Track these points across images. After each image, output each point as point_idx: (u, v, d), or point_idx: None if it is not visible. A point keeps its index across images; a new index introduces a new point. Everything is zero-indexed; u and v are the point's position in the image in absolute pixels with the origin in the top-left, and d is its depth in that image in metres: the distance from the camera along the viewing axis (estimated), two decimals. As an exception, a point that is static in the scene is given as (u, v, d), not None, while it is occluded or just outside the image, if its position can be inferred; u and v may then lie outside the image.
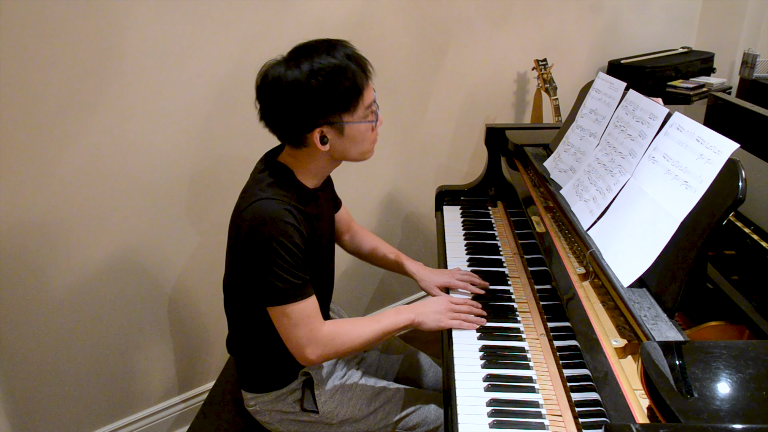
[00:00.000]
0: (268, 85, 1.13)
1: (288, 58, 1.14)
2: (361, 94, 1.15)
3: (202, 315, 1.93)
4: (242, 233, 1.14)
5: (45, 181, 1.52)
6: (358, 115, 1.16)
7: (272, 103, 1.14)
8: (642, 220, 1.10)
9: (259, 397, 1.32)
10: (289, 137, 1.18)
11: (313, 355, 1.17)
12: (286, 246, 1.11)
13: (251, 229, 1.12)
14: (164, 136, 1.67)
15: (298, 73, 1.10)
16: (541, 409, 1.09)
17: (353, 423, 1.32)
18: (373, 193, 2.27)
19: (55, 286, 1.62)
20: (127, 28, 1.52)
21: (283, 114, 1.14)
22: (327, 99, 1.11)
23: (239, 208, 1.18)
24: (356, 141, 1.19)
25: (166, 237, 1.77)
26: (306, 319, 1.16)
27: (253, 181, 1.22)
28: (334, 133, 1.16)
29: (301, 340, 1.16)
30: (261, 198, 1.13)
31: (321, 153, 1.18)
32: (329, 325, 1.20)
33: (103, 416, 1.83)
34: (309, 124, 1.13)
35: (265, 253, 1.10)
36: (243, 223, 1.14)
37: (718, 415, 0.73)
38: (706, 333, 1.01)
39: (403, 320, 1.27)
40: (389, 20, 2.06)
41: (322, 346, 1.17)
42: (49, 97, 1.46)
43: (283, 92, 1.11)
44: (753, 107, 1.57)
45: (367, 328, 1.23)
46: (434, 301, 1.34)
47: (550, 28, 2.63)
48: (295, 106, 1.11)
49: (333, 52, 1.12)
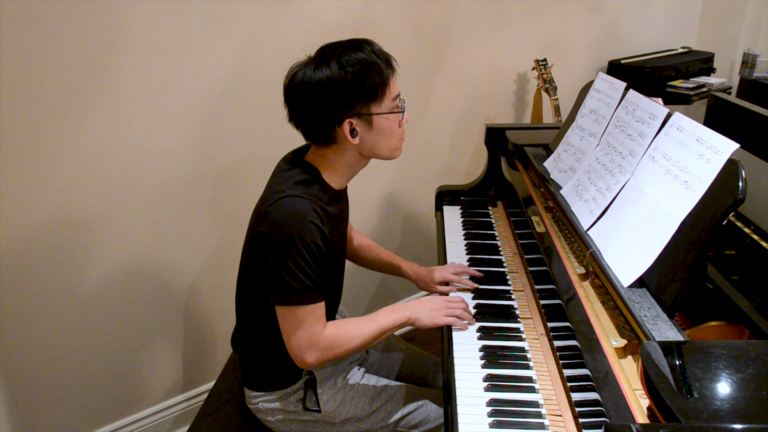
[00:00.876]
0: (298, 84, 1.15)
1: (315, 58, 1.16)
2: (388, 85, 1.18)
3: (204, 314, 1.93)
4: (266, 227, 1.14)
5: (46, 181, 1.52)
6: (386, 105, 1.18)
7: (302, 101, 1.16)
8: (642, 220, 1.10)
9: (262, 396, 1.32)
10: (318, 134, 1.19)
11: (312, 359, 1.17)
12: (308, 246, 1.11)
13: (276, 224, 1.12)
14: (166, 135, 1.67)
15: (327, 70, 1.13)
16: (541, 409, 1.09)
17: (355, 422, 1.33)
18: (372, 193, 2.27)
19: (54, 286, 1.62)
20: (127, 28, 1.52)
21: (313, 110, 1.15)
22: (355, 89, 1.13)
23: (264, 203, 1.18)
24: (384, 134, 1.20)
25: (168, 237, 1.77)
26: (311, 322, 1.16)
27: (279, 178, 1.22)
28: (363, 125, 1.17)
29: (302, 343, 1.16)
30: (288, 195, 1.14)
31: (350, 148, 1.20)
32: (330, 329, 1.20)
33: (103, 416, 1.83)
34: (338, 117, 1.15)
35: (286, 249, 1.11)
36: (268, 217, 1.14)
37: (718, 415, 0.73)
38: (706, 333, 1.01)
39: (399, 318, 1.27)
40: (389, 20, 2.06)
41: (322, 350, 1.18)
42: (49, 97, 1.46)
43: (313, 89, 1.13)
44: (753, 107, 1.57)
45: (365, 329, 1.23)
46: (430, 299, 1.34)
47: (550, 28, 2.63)
48: (325, 101, 1.14)
49: (360, 48, 1.16)
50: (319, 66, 1.13)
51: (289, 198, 1.13)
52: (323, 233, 1.14)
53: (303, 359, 1.17)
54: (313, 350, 1.17)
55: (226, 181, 1.82)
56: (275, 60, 1.80)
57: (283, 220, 1.12)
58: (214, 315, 1.95)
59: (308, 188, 1.17)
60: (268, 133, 1.85)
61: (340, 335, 1.20)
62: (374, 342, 1.26)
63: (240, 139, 1.80)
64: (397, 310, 1.29)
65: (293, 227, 1.11)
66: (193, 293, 1.89)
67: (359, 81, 1.13)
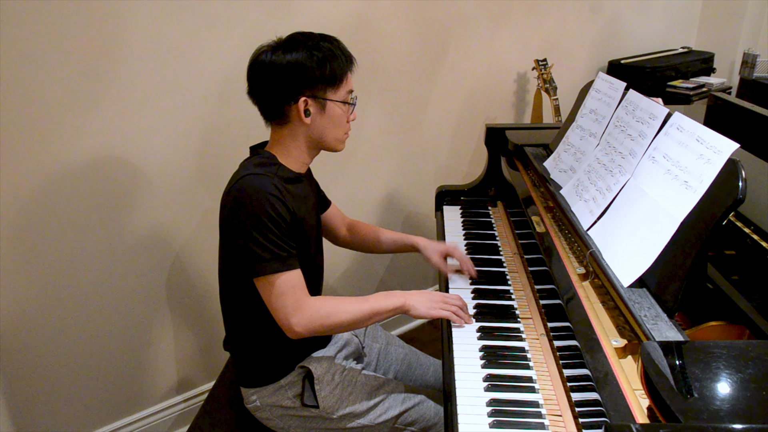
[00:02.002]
0: (263, 64, 1.21)
1: (285, 42, 1.22)
2: (346, 76, 1.25)
3: (203, 315, 1.93)
4: (229, 208, 1.19)
5: (45, 181, 1.52)
6: (340, 95, 1.25)
7: (265, 79, 1.21)
8: (642, 220, 1.10)
9: (258, 392, 1.32)
10: (274, 110, 1.24)
11: (299, 326, 1.17)
12: (270, 215, 1.15)
13: (237, 200, 1.17)
14: (165, 135, 1.67)
15: (296, 55, 1.19)
16: (541, 409, 1.09)
17: (353, 417, 1.33)
18: (373, 193, 2.27)
19: (54, 286, 1.62)
20: (127, 28, 1.52)
21: (273, 87, 1.21)
22: (317, 72, 1.19)
23: (226, 189, 1.23)
24: (334, 122, 1.26)
25: (168, 237, 1.77)
26: (291, 289, 1.17)
27: (239, 167, 1.28)
28: (317, 107, 1.23)
29: (287, 309, 1.17)
30: (246, 174, 1.19)
31: (302, 130, 1.25)
32: (317, 299, 1.22)
33: (103, 416, 1.83)
34: (296, 94, 1.20)
35: (250, 221, 1.14)
36: (230, 198, 1.19)
37: (718, 415, 0.73)
38: (706, 333, 1.01)
39: (394, 303, 1.27)
40: (389, 20, 2.06)
41: (308, 317, 1.18)
42: (49, 97, 1.46)
43: (278, 69, 1.19)
44: (753, 107, 1.57)
45: (355, 306, 1.23)
46: (427, 292, 1.35)
47: (550, 28, 2.63)
48: (287, 79, 1.19)
49: (329, 40, 1.24)
50: (288, 50, 1.19)
51: (246, 177, 1.19)
52: (284, 203, 1.18)
53: (290, 325, 1.17)
54: (299, 315, 1.17)
55: (226, 180, 1.81)
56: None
57: (244, 195, 1.16)
58: (214, 315, 1.94)
59: (266, 168, 1.22)
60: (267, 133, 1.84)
61: (326, 305, 1.21)
62: (365, 322, 1.26)
63: (240, 139, 1.80)
64: (393, 295, 1.29)
65: (254, 199, 1.15)
66: (192, 293, 1.89)
67: (322, 65, 1.19)
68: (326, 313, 1.20)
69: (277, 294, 1.17)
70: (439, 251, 1.54)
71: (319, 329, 1.21)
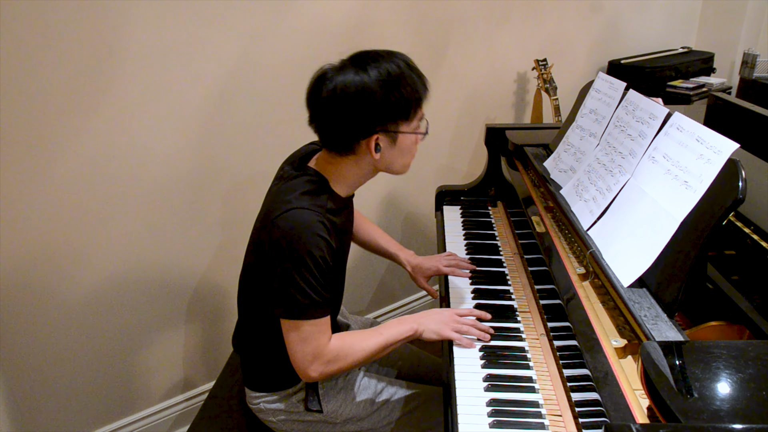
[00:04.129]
0: (332, 90, 1.10)
1: (351, 63, 1.12)
2: (420, 104, 1.16)
3: (204, 314, 1.93)
4: (273, 238, 1.11)
5: (46, 181, 1.52)
6: (413, 125, 1.17)
7: (333, 108, 1.11)
8: (642, 220, 1.10)
9: (264, 397, 1.32)
10: (340, 144, 1.15)
11: (315, 373, 1.16)
12: (316, 260, 1.09)
13: (284, 236, 1.09)
14: (166, 135, 1.67)
15: (367, 78, 1.09)
16: (541, 409, 1.09)
17: (357, 422, 1.33)
18: (373, 193, 2.27)
19: (54, 286, 1.62)
20: (127, 28, 1.52)
21: (343, 120, 1.11)
22: (391, 105, 1.10)
23: (271, 213, 1.14)
24: (404, 152, 1.19)
25: (168, 237, 1.77)
26: (315, 335, 1.14)
27: (286, 186, 1.18)
28: (387, 141, 1.15)
29: (306, 357, 1.14)
30: (296, 207, 1.11)
31: (367, 162, 1.17)
32: (334, 341, 1.18)
33: (103, 416, 1.83)
34: (367, 130, 1.12)
35: (294, 264, 1.09)
36: (276, 229, 1.11)
37: (718, 415, 0.73)
38: (706, 333, 1.01)
39: (406, 330, 1.24)
40: (389, 20, 2.06)
41: (326, 363, 1.16)
42: (49, 97, 1.46)
43: (348, 98, 1.09)
44: (753, 107, 1.57)
45: (370, 341, 1.21)
46: (438, 311, 1.31)
47: (550, 28, 2.63)
48: (358, 112, 1.10)
49: (396, 61, 1.13)
50: (358, 73, 1.09)
51: (296, 210, 1.10)
52: (330, 246, 1.12)
53: (307, 373, 1.15)
54: (317, 363, 1.15)
55: (226, 181, 1.82)
56: (276, 60, 1.80)
57: (291, 233, 1.09)
58: (214, 315, 1.94)
59: (316, 198, 1.14)
60: (268, 133, 1.85)
61: (344, 347, 1.18)
62: (380, 355, 1.24)
63: (240, 139, 1.80)
64: (404, 322, 1.27)
65: (301, 241, 1.08)
66: (193, 293, 1.89)
67: (394, 96, 1.10)
68: (343, 356, 1.18)
69: (299, 339, 1.13)
70: (426, 276, 1.53)
71: (335, 373, 1.20)
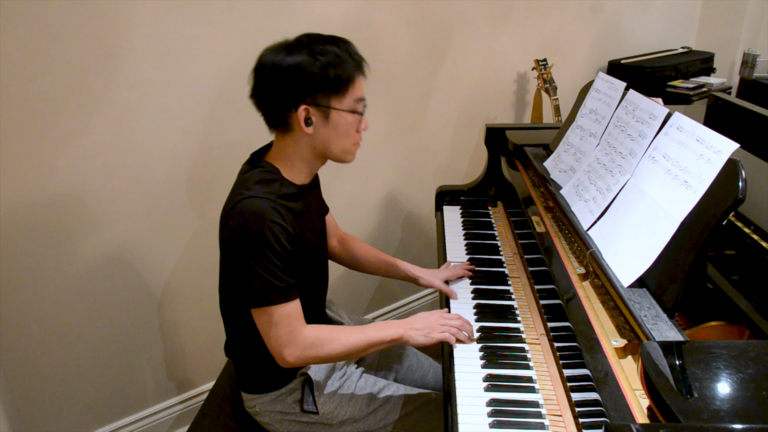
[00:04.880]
0: (265, 65, 1.15)
1: (290, 44, 1.16)
2: (353, 82, 1.16)
3: (203, 315, 1.93)
4: (229, 231, 1.14)
5: (45, 180, 1.52)
6: (347, 103, 1.17)
7: (266, 81, 1.16)
8: (642, 220, 1.10)
9: (259, 398, 1.32)
10: (275, 116, 1.18)
11: (291, 357, 1.16)
12: (271, 246, 1.11)
13: (237, 227, 1.12)
14: (163, 135, 1.67)
15: (299, 57, 1.12)
16: (541, 409, 1.09)
17: (353, 423, 1.32)
18: (373, 193, 2.27)
19: (55, 285, 1.62)
20: (127, 28, 1.52)
21: (274, 91, 1.15)
22: (319, 78, 1.12)
23: (225, 209, 1.17)
24: (339, 133, 1.19)
25: (167, 237, 1.77)
26: (286, 320, 1.15)
27: (239, 181, 1.22)
28: (319, 116, 1.16)
29: (280, 340, 1.15)
30: (247, 196, 1.13)
31: (304, 139, 1.18)
32: (312, 330, 1.18)
33: (103, 416, 1.83)
34: (296, 101, 1.14)
35: (249, 252, 1.10)
36: (229, 221, 1.14)
37: (718, 415, 0.73)
38: (706, 333, 1.01)
39: (391, 334, 1.23)
40: (389, 20, 2.06)
41: (301, 348, 1.16)
42: (49, 97, 1.46)
43: (279, 72, 1.13)
44: (753, 107, 1.57)
45: (350, 337, 1.20)
46: (424, 316, 1.30)
47: (550, 28, 2.63)
48: (288, 84, 1.13)
49: (336, 43, 1.16)
50: (292, 52, 1.13)
51: (247, 199, 1.12)
52: (286, 231, 1.14)
53: (282, 356, 1.16)
54: (291, 347, 1.15)
55: (226, 181, 1.81)
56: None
57: (242, 221, 1.11)
58: (214, 315, 1.93)
59: (267, 186, 1.16)
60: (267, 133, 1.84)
61: (321, 337, 1.18)
62: (361, 353, 1.23)
63: (239, 138, 1.80)
64: (390, 325, 1.26)
65: (253, 228, 1.10)
66: (192, 294, 1.89)
67: (325, 70, 1.12)
68: (320, 344, 1.17)
69: (270, 324, 1.14)
70: (441, 278, 1.51)
71: (312, 360, 1.19)
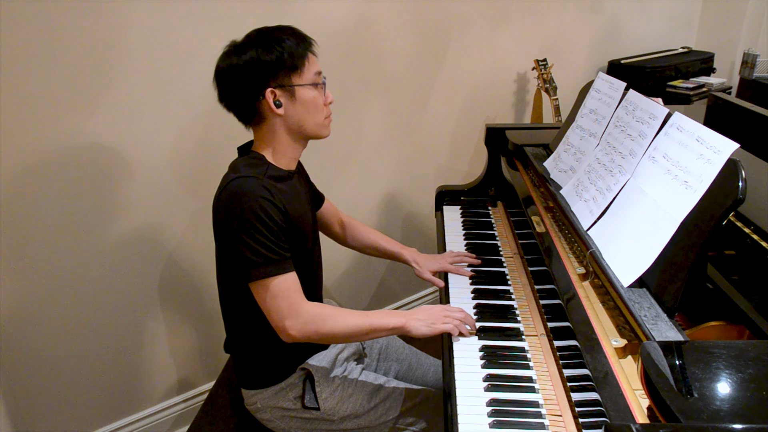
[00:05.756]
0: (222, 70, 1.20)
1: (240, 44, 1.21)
2: (306, 57, 1.21)
3: (203, 314, 1.93)
4: (220, 212, 1.17)
5: (45, 180, 1.52)
6: (307, 77, 1.21)
7: (225, 80, 1.21)
8: (642, 220, 1.10)
9: (259, 394, 1.32)
10: (246, 111, 1.23)
11: (293, 330, 1.16)
12: (261, 218, 1.13)
13: (227, 204, 1.15)
14: (165, 135, 1.67)
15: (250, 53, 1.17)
16: (541, 409, 1.09)
17: (354, 419, 1.33)
18: (373, 193, 2.27)
19: (55, 285, 1.62)
20: (127, 28, 1.52)
21: (237, 86, 1.19)
22: (274, 61, 1.17)
23: (217, 193, 1.21)
24: (308, 107, 1.23)
25: (168, 236, 1.77)
26: (286, 292, 1.16)
27: (228, 169, 1.26)
28: (286, 96, 1.20)
29: (281, 311, 1.16)
30: (235, 177, 1.17)
31: (279, 123, 1.22)
32: (314, 305, 1.20)
33: (103, 416, 1.83)
34: (260, 88, 1.18)
35: (240, 226, 1.13)
36: (221, 203, 1.18)
37: (718, 415, 0.73)
38: (706, 333, 1.01)
39: (393, 322, 1.24)
40: (389, 20, 2.06)
41: (303, 321, 1.17)
42: (49, 97, 1.47)
43: (236, 71, 1.18)
44: (753, 107, 1.57)
45: (353, 318, 1.22)
46: (428, 308, 1.31)
47: (550, 28, 2.63)
48: (248, 77, 1.17)
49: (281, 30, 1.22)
50: (243, 50, 1.18)
51: (235, 180, 1.17)
52: (276, 205, 1.16)
53: (285, 328, 1.16)
54: (293, 318, 1.16)
55: (226, 181, 1.82)
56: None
57: (233, 199, 1.15)
58: (214, 315, 1.94)
59: (255, 168, 1.20)
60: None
61: (323, 313, 1.20)
62: (362, 337, 1.25)
63: (239, 139, 1.80)
64: (394, 314, 1.27)
65: (244, 202, 1.13)
66: (193, 293, 1.89)
67: (280, 54, 1.17)
68: (322, 320, 1.18)
69: (271, 297, 1.16)
70: (432, 271, 1.54)
71: (314, 336, 1.19)
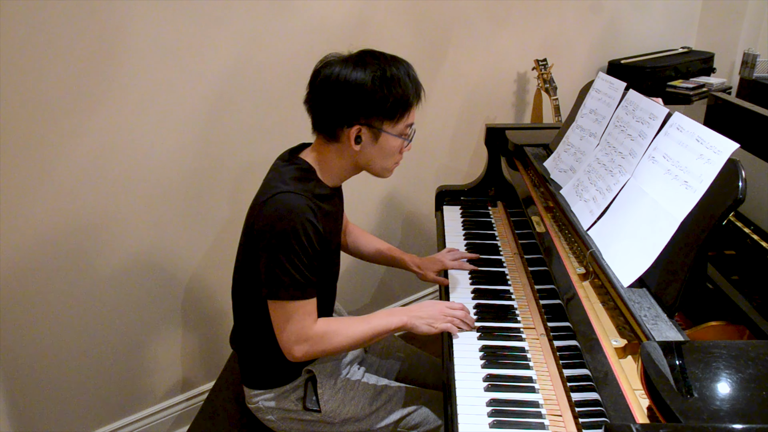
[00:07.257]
0: (329, 76, 1.16)
1: (355, 58, 1.18)
2: (409, 111, 1.21)
3: (204, 314, 1.93)
4: (261, 222, 1.15)
5: (46, 181, 1.52)
6: (398, 129, 1.21)
7: (326, 92, 1.17)
8: (642, 220, 1.10)
9: (261, 394, 1.32)
10: (327, 127, 1.20)
11: (300, 353, 1.18)
12: (301, 242, 1.12)
13: (271, 220, 1.13)
14: (165, 135, 1.67)
15: (362, 74, 1.14)
16: (541, 409, 1.09)
17: (355, 422, 1.32)
18: (373, 193, 2.27)
19: (55, 285, 1.62)
20: (127, 29, 1.52)
21: (332, 104, 1.17)
22: (378, 101, 1.15)
23: (259, 199, 1.19)
24: (385, 153, 1.22)
25: (167, 237, 1.77)
26: (301, 317, 1.17)
27: (275, 174, 1.23)
28: (369, 136, 1.19)
29: (291, 336, 1.17)
30: (283, 191, 1.15)
31: (349, 153, 1.21)
32: (320, 324, 1.20)
33: (103, 416, 1.83)
34: (351, 119, 1.16)
35: (279, 244, 1.12)
36: (263, 212, 1.15)
37: (718, 415, 0.73)
38: (706, 333, 1.01)
39: (395, 322, 1.26)
40: (389, 20, 2.06)
41: (310, 344, 1.18)
42: (50, 98, 1.46)
43: (341, 86, 1.15)
44: (753, 107, 1.57)
45: (357, 328, 1.23)
46: (429, 305, 1.32)
47: (550, 28, 2.63)
48: (347, 101, 1.15)
49: (396, 65, 1.18)
50: (357, 68, 1.15)
51: (284, 194, 1.14)
52: (317, 229, 1.15)
53: (291, 352, 1.18)
54: (301, 344, 1.18)
55: (226, 180, 1.82)
56: (275, 61, 1.80)
57: (278, 215, 1.13)
58: (214, 314, 1.95)
59: (303, 184, 1.18)
60: (267, 133, 1.85)
61: (329, 332, 1.21)
62: (366, 343, 1.26)
63: (240, 139, 1.80)
64: (394, 314, 1.28)
65: (287, 223, 1.12)
66: (193, 293, 1.89)
67: (386, 96, 1.15)
68: (328, 338, 1.20)
69: (285, 318, 1.16)
70: (435, 270, 1.55)
71: (320, 354, 1.22)
